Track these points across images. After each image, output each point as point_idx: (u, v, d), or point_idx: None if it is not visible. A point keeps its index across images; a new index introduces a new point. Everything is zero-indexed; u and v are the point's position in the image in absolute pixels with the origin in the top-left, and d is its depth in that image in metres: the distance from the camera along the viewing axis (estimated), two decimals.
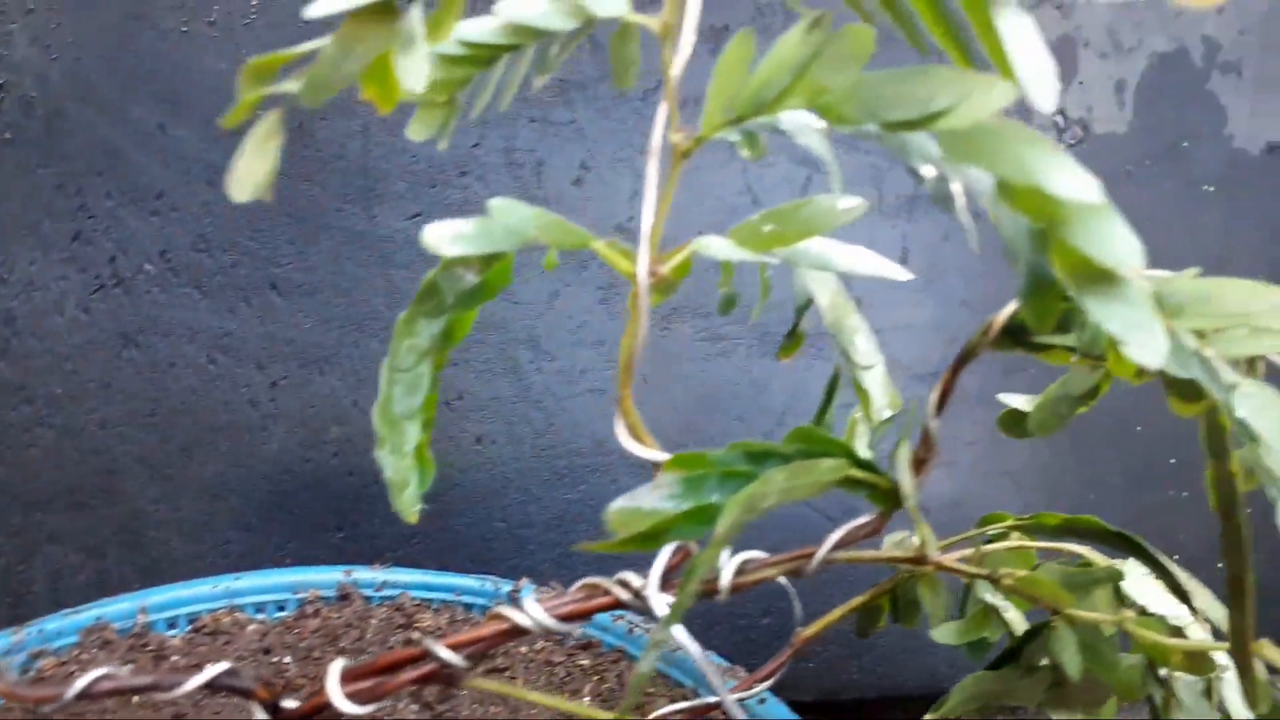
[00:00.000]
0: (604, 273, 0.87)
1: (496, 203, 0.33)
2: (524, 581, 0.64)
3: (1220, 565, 0.34)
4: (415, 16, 0.30)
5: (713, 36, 0.83)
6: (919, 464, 0.35)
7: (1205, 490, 0.34)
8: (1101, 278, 0.27)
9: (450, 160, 0.87)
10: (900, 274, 0.37)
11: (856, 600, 0.44)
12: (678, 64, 0.34)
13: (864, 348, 0.40)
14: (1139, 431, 0.96)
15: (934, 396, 0.34)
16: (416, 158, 0.86)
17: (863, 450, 0.34)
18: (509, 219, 0.33)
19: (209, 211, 0.83)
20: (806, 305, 0.40)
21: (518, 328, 0.88)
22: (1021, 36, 0.29)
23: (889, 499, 0.34)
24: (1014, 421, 0.43)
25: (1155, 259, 0.99)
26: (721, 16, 0.83)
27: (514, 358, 0.88)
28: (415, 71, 0.29)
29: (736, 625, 0.90)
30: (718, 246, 0.35)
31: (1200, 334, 0.30)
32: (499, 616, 0.35)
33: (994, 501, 0.90)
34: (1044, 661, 0.42)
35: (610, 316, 0.90)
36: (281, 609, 0.63)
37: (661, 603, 0.35)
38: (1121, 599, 0.48)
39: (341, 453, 0.90)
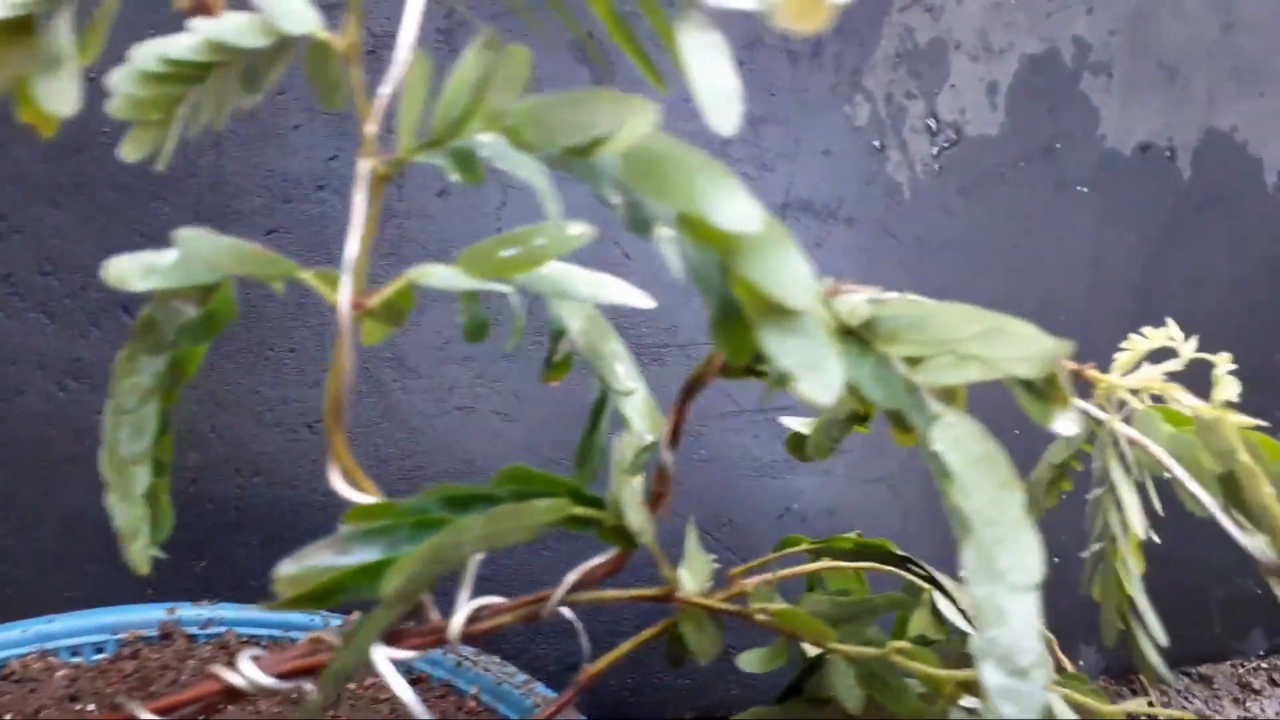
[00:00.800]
0: None
1: (186, 234, 0.31)
2: (355, 615, 0.62)
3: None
4: (62, 35, 0.28)
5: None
6: (656, 498, 0.34)
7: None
8: (778, 310, 0.26)
9: (306, 174, 0.84)
10: (644, 301, 0.35)
11: (646, 633, 0.43)
12: (390, 82, 0.32)
13: (623, 373, 0.38)
14: (1017, 435, 0.95)
15: (665, 429, 0.33)
16: (272, 172, 0.83)
17: (632, 502, 0.32)
18: (201, 251, 0.31)
19: (56, 233, 0.80)
20: (561, 333, 0.38)
21: (380, 344, 0.86)
22: (702, 56, 0.27)
23: (622, 537, 0.32)
24: (797, 444, 0.42)
25: (1030, 261, 0.98)
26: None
27: (377, 377, 0.86)
28: (61, 95, 0.27)
29: (614, 643, 0.88)
30: (440, 275, 0.33)
31: (914, 361, 0.29)
32: (213, 676, 0.33)
33: (870, 509, 0.89)
34: (831, 694, 0.41)
35: None
36: (100, 651, 0.60)
37: (385, 659, 0.33)
38: (940, 620, 0.47)
39: (200, 480, 0.86)
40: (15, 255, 0.78)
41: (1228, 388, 0.38)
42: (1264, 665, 1.09)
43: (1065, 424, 0.26)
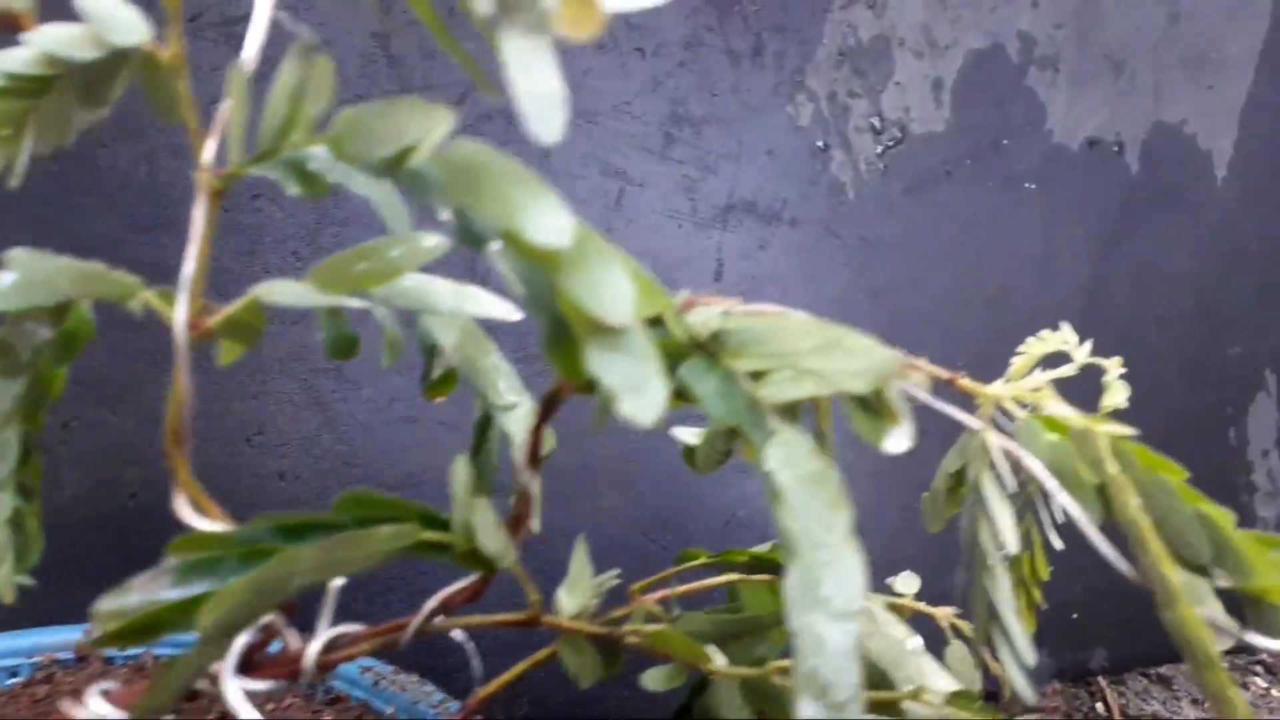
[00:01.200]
0: None
1: (19, 255, 0.30)
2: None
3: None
4: None
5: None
6: (517, 520, 0.33)
7: None
8: (601, 327, 0.25)
9: (243, 183, 0.83)
10: (510, 313, 0.34)
11: (540, 654, 0.42)
12: (235, 94, 0.31)
13: (504, 388, 0.37)
14: None
15: (524, 449, 0.32)
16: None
17: (486, 524, 0.31)
18: (37, 272, 0.30)
19: None
20: (434, 348, 0.37)
21: (319, 356, 0.85)
22: (524, 62, 0.26)
23: (480, 562, 0.31)
24: (689, 456, 0.41)
25: (978, 259, 0.97)
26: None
27: (316, 388, 0.85)
28: None
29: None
30: (289, 292, 0.32)
31: (758, 375, 0.28)
32: (58, 715, 0.32)
33: None
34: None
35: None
36: (14, 675, 0.59)
37: (238, 690, 0.32)
38: None
39: (139, 496, 0.85)
40: None
41: (1117, 394, 0.37)
42: (1226, 665, 1.08)
43: (896, 442, 0.26)
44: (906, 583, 0.57)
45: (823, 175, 0.89)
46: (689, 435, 0.41)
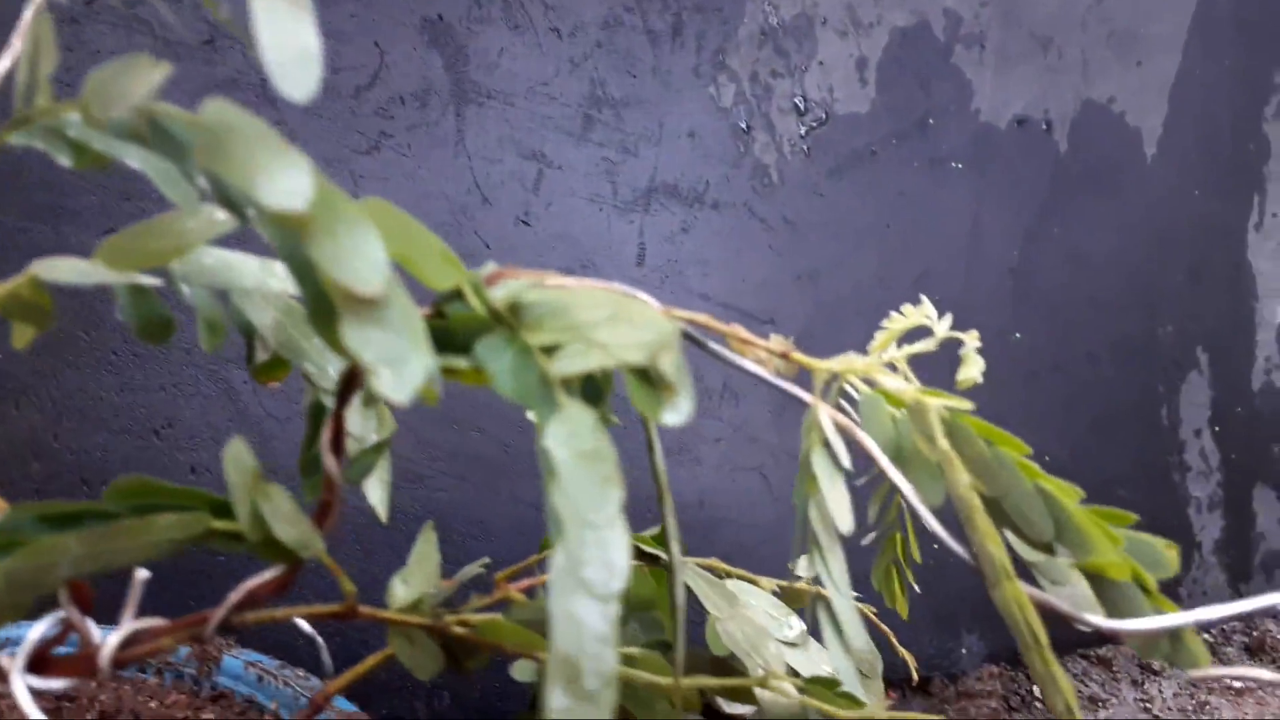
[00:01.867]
0: None
1: None
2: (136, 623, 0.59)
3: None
4: None
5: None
6: (324, 509, 0.31)
7: None
8: (360, 301, 0.23)
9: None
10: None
11: (390, 649, 0.40)
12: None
13: (333, 371, 0.35)
14: None
15: (326, 434, 0.30)
16: (107, 170, 0.79)
17: (280, 513, 0.30)
18: None
19: None
20: (252, 329, 0.35)
21: (229, 346, 0.83)
22: (276, 14, 0.24)
23: (281, 553, 0.30)
24: None
25: (904, 241, 0.95)
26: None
27: (226, 379, 0.83)
28: None
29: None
30: (69, 268, 0.30)
31: (550, 349, 0.27)
32: None
33: (742, 499, 0.87)
34: None
35: None
36: None
37: (24, 689, 0.30)
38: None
39: (44, 490, 0.83)
40: None
41: (974, 366, 0.36)
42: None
43: (674, 414, 0.24)
44: (807, 566, 0.56)
45: (746, 157, 0.88)
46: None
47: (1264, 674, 0.28)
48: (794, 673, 0.42)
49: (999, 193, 0.93)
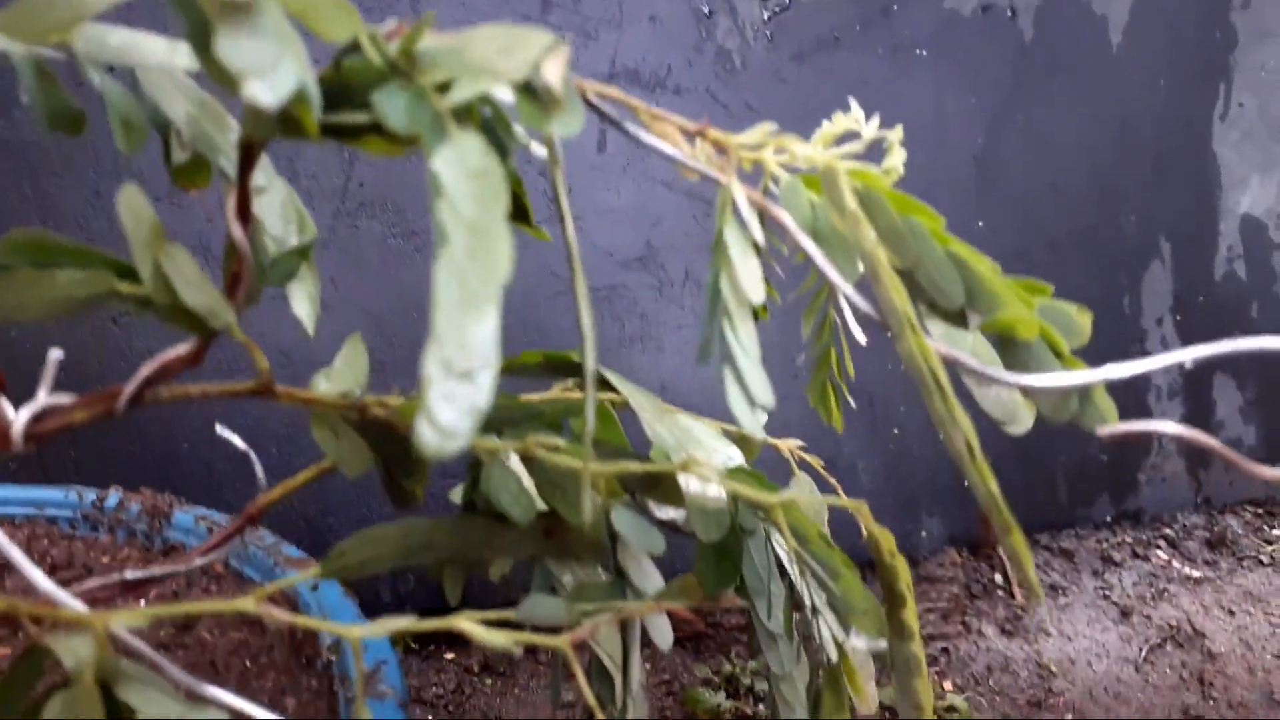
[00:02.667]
0: (280, 169, 0.82)
1: None
2: (113, 490, 0.59)
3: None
4: None
5: None
6: (234, 280, 0.31)
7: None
8: (233, 11, 0.23)
9: None
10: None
11: (327, 461, 0.40)
12: None
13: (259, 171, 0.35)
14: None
15: (231, 201, 0.30)
16: None
17: (184, 276, 0.30)
18: None
19: None
20: (167, 124, 0.35)
21: (187, 234, 0.82)
22: None
23: (190, 320, 0.30)
24: None
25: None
26: None
27: None
28: None
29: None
30: None
31: (444, 86, 0.26)
32: None
33: (706, 385, 0.87)
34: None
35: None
36: None
37: None
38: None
39: None
40: None
41: (896, 157, 0.35)
42: (1129, 539, 1.09)
43: (563, 126, 0.24)
44: (753, 419, 0.56)
45: (708, 42, 0.87)
46: None
47: (1169, 426, 0.29)
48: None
49: (963, 81, 0.92)
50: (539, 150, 0.34)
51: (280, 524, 0.83)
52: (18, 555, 0.30)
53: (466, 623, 0.32)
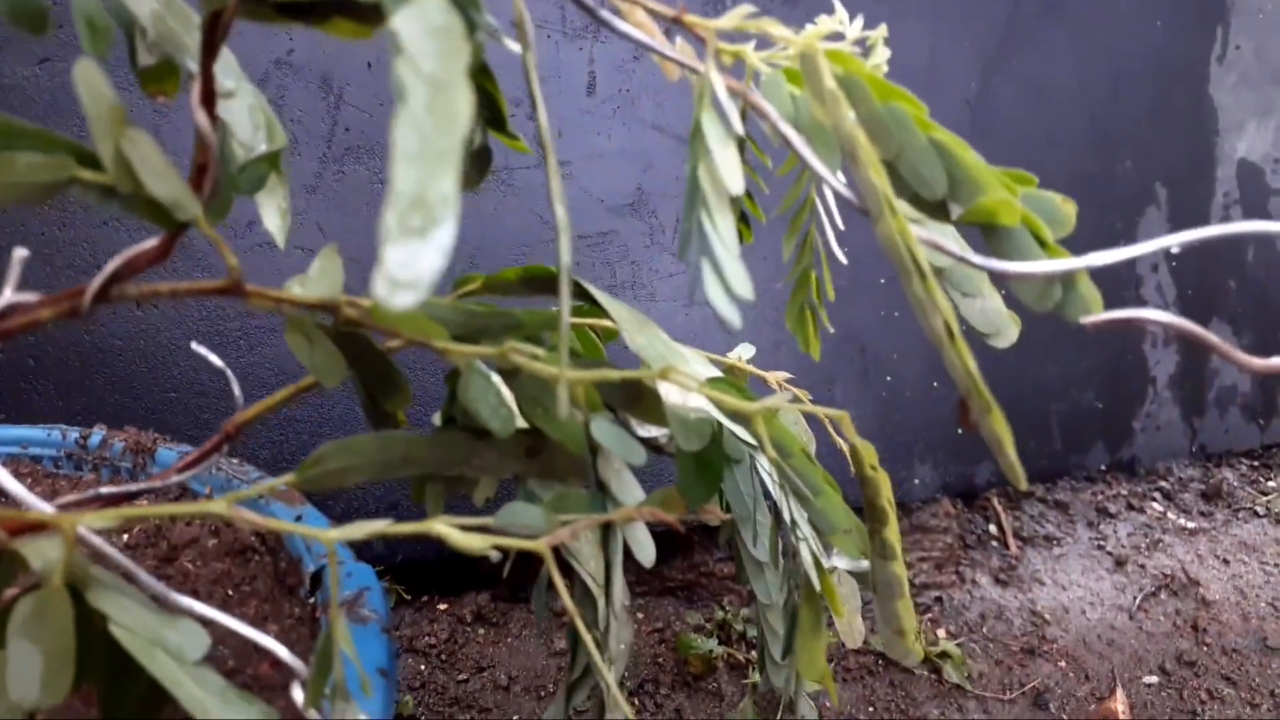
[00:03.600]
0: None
1: None
2: (97, 428, 0.59)
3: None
4: None
5: None
6: (199, 171, 0.30)
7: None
8: None
9: None
10: None
11: (305, 381, 0.40)
12: None
13: (219, 71, 0.34)
14: (847, 252, 0.93)
15: (196, 87, 0.29)
16: None
17: (148, 164, 0.29)
18: None
19: None
20: (134, 26, 0.34)
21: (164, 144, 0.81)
22: None
23: (156, 212, 0.29)
24: None
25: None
26: None
27: None
28: None
29: None
30: None
31: None
32: None
33: (698, 331, 0.87)
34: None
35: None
36: None
37: None
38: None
39: None
40: None
41: (880, 55, 0.35)
42: (1123, 491, 1.09)
43: None
44: (741, 350, 0.56)
45: None
46: None
47: (1156, 314, 0.28)
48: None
49: (957, 24, 0.91)
50: (514, 47, 0.33)
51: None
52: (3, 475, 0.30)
53: (443, 526, 0.32)
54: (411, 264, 0.20)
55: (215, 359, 0.40)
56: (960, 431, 0.97)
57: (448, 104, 0.22)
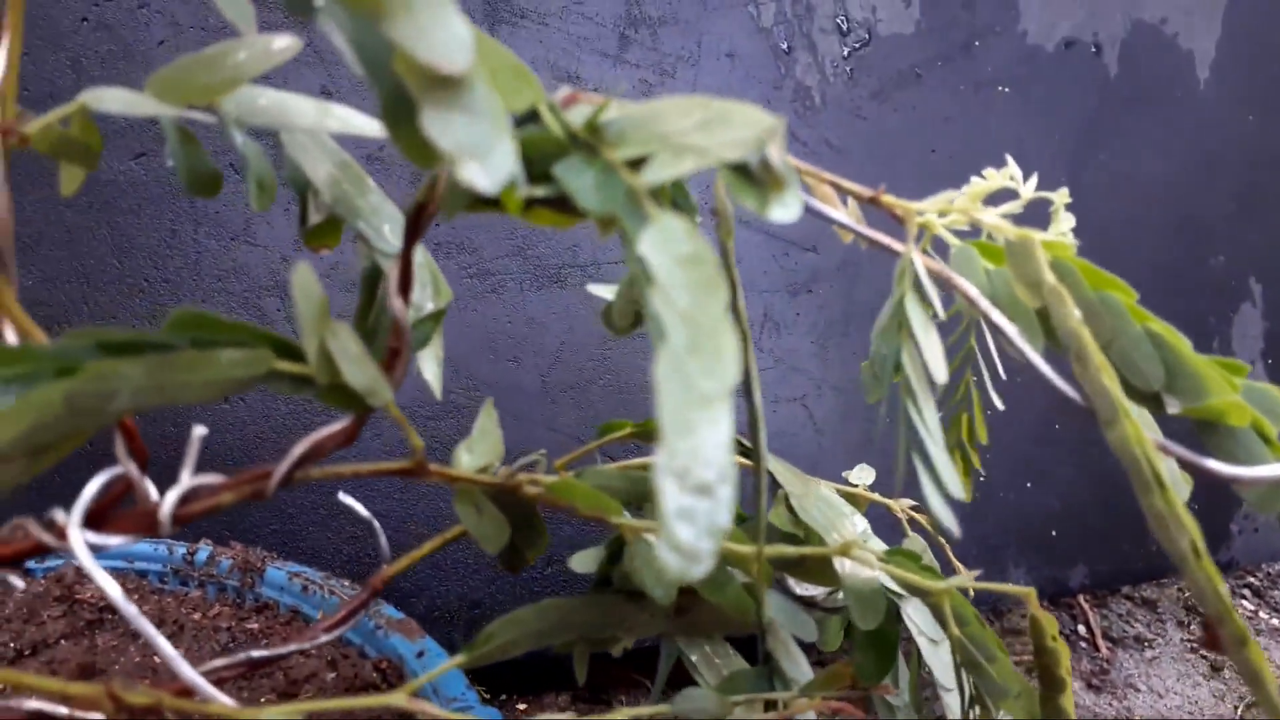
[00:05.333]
0: None
1: None
2: (203, 543, 0.58)
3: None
4: None
5: None
6: (392, 356, 0.30)
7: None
8: (439, 84, 0.22)
9: None
10: (371, 127, 0.31)
11: (451, 532, 0.39)
12: None
13: (390, 232, 0.33)
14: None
15: (394, 274, 0.28)
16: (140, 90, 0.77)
17: (348, 354, 0.28)
18: None
19: None
20: (308, 187, 0.33)
21: (261, 273, 0.81)
22: None
23: (348, 399, 0.28)
24: (608, 315, 0.37)
25: (949, 165, 0.92)
26: None
27: (260, 307, 0.81)
28: None
29: (520, 579, 0.84)
30: (117, 98, 0.28)
31: (636, 162, 0.25)
32: None
33: (784, 430, 0.85)
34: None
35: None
36: None
37: (82, 542, 0.29)
38: (794, 513, 0.43)
39: None
40: None
41: (1064, 222, 0.34)
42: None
43: (783, 211, 0.22)
44: (861, 474, 0.54)
45: (787, 79, 0.85)
46: (605, 291, 0.37)
47: None
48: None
49: (1045, 117, 0.90)
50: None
51: (329, 557, 0.81)
52: (161, 642, 0.29)
53: (623, 717, 0.31)
54: (696, 526, 0.19)
55: (362, 509, 0.39)
56: (1053, 533, 0.95)
57: (712, 346, 0.21)
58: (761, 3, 0.84)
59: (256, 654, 0.37)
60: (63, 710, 0.33)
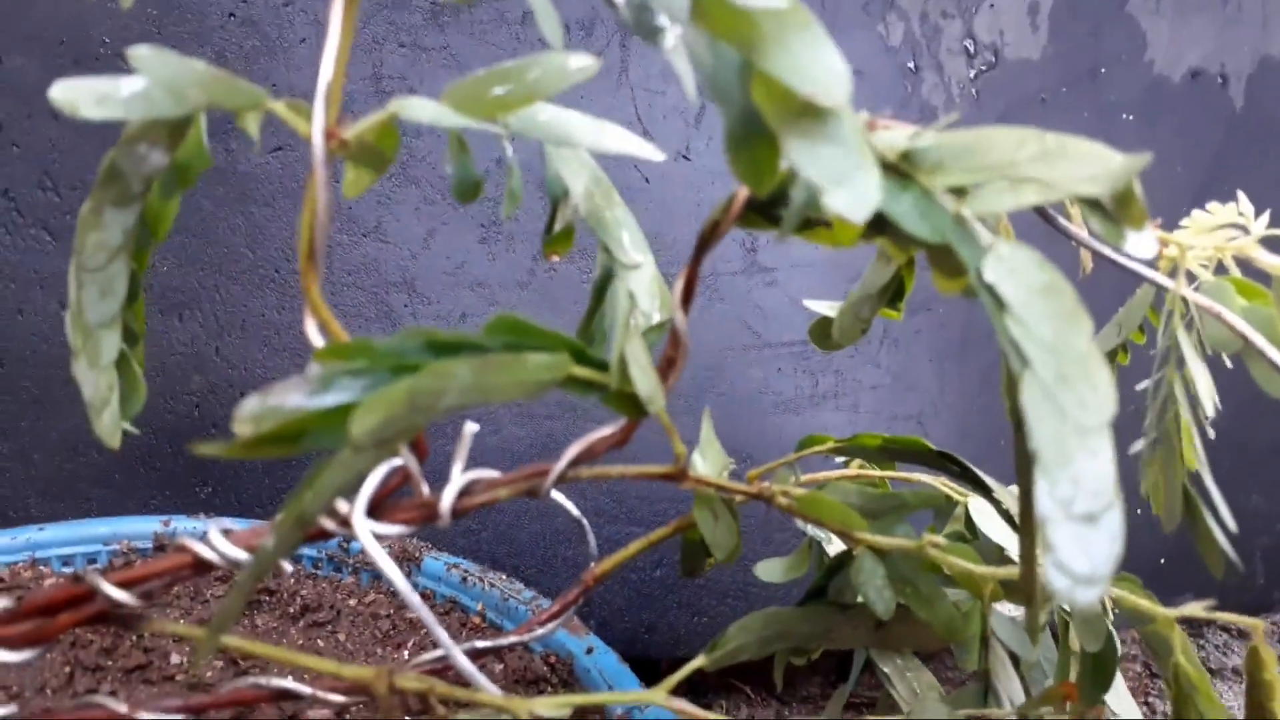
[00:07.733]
0: (484, 210, 0.82)
1: (142, 52, 0.28)
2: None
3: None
4: None
5: None
6: (668, 364, 0.30)
7: None
8: (805, 113, 0.22)
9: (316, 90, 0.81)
10: (653, 154, 0.32)
11: (658, 532, 0.40)
12: None
13: (629, 243, 0.34)
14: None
15: (679, 286, 0.29)
16: (277, 87, 0.80)
17: (639, 362, 0.29)
18: (162, 73, 0.28)
19: (54, 147, 0.77)
20: (563, 194, 0.34)
21: (390, 269, 0.83)
22: None
23: (629, 404, 0.29)
24: (822, 332, 0.38)
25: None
26: None
27: (388, 303, 0.83)
28: None
29: (627, 579, 0.85)
30: (425, 109, 0.29)
31: (960, 191, 0.25)
32: (182, 548, 0.30)
33: None
34: (860, 598, 0.38)
35: (491, 257, 0.85)
36: (92, 561, 0.58)
37: (368, 531, 0.30)
38: (973, 530, 0.43)
39: (204, 404, 0.84)
40: (15, 171, 0.76)
41: None
42: None
43: (1141, 245, 0.23)
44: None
45: (913, 98, 0.86)
46: (824, 307, 0.38)
47: None
48: None
49: (1170, 147, 0.89)
50: None
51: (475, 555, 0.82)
52: (442, 635, 0.30)
53: None
54: (1089, 554, 0.20)
55: (573, 508, 0.40)
56: (1162, 561, 0.94)
57: (1083, 377, 0.21)
58: (890, 22, 0.85)
59: (481, 644, 0.38)
60: (306, 690, 0.34)
